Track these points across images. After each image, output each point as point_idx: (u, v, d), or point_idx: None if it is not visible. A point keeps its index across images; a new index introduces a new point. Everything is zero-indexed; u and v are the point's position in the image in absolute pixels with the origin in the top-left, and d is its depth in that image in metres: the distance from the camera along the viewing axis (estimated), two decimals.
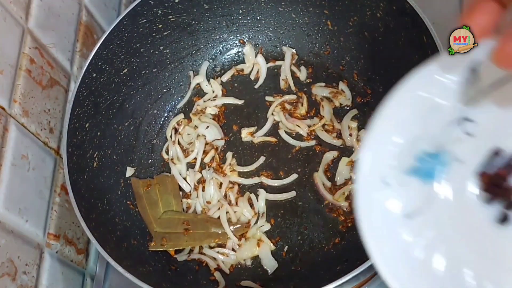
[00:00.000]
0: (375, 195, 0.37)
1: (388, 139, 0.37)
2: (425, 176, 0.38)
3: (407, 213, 0.37)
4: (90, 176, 0.63)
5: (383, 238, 0.35)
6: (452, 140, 0.38)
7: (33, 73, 0.60)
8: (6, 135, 0.55)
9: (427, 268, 0.36)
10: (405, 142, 0.37)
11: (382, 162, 0.37)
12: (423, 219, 0.37)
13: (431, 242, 0.37)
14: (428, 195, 0.38)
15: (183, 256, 0.66)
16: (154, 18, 0.68)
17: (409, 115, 0.37)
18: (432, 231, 0.37)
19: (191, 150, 0.72)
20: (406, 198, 0.37)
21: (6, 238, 0.52)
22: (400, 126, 0.37)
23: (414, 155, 0.37)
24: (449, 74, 0.36)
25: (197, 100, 0.75)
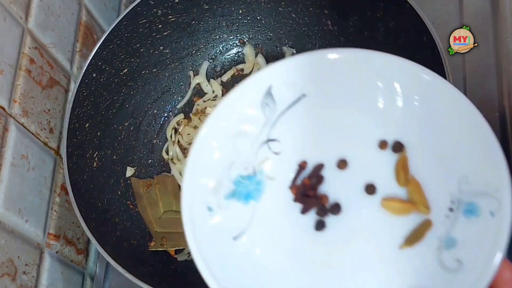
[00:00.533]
0: (202, 222, 0.38)
1: (204, 169, 0.39)
2: (245, 198, 0.40)
3: (234, 235, 0.39)
4: (90, 176, 0.63)
5: (215, 262, 0.36)
6: (262, 161, 0.41)
7: (33, 73, 0.60)
8: (6, 135, 0.55)
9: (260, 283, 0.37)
10: (222, 169, 0.40)
11: (204, 190, 0.39)
12: (249, 238, 0.39)
13: (260, 260, 0.39)
14: (251, 215, 0.40)
15: (184, 256, 0.66)
16: (154, 18, 0.68)
17: (220, 144, 0.40)
18: (258, 249, 0.39)
19: None
20: (231, 221, 0.39)
21: (6, 238, 0.52)
22: (213, 156, 0.40)
23: (232, 180, 0.40)
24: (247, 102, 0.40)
25: (197, 100, 0.75)
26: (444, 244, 0.36)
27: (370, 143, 0.40)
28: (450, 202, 0.36)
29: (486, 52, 0.70)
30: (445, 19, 0.71)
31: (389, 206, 0.39)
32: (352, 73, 0.39)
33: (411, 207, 0.38)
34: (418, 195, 0.38)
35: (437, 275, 0.35)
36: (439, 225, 0.37)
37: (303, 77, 0.40)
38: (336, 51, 0.39)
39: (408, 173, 0.39)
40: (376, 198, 0.39)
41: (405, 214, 0.38)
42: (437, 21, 0.61)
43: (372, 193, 0.40)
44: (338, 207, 0.40)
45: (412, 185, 0.38)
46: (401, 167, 0.39)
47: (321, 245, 0.39)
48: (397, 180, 0.39)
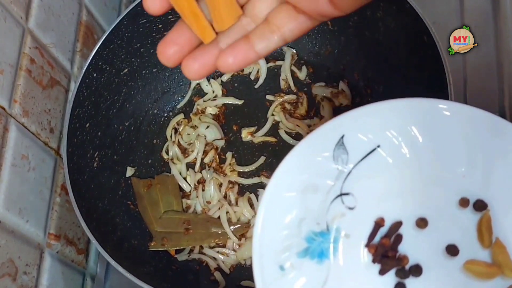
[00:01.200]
0: (274, 283, 0.36)
1: (275, 227, 0.38)
2: (319, 256, 0.38)
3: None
4: (90, 176, 0.63)
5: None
6: (336, 216, 0.39)
7: (33, 73, 0.60)
8: (6, 135, 0.55)
9: None
10: (293, 226, 0.38)
11: (275, 250, 0.37)
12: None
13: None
14: (326, 275, 0.38)
15: (184, 256, 0.66)
16: (154, 18, 0.68)
17: (289, 200, 0.38)
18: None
19: (191, 150, 0.72)
20: (304, 282, 0.37)
21: (6, 238, 0.52)
22: (284, 210, 0.38)
23: (303, 237, 0.38)
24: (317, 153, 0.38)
25: (197, 100, 0.75)
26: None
27: (451, 201, 0.38)
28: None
29: (486, 52, 0.70)
30: (445, 19, 0.71)
31: (473, 269, 0.37)
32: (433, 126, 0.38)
33: (496, 271, 0.36)
34: (504, 258, 0.36)
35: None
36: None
37: (379, 127, 0.38)
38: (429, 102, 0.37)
39: (492, 233, 0.37)
40: (458, 260, 0.37)
41: (489, 279, 0.37)
42: (437, 21, 0.61)
43: (454, 254, 0.38)
44: (419, 269, 0.38)
45: (497, 247, 0.37)
46: (484, 227, 0.37)
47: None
48: (480, 241, 0.37)
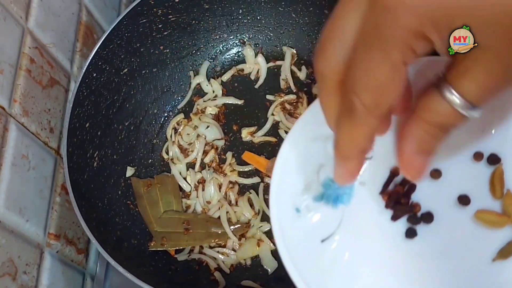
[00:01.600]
0: (290, 223, 0.38)
1: (294, 170, 0.39)
2: (334, 201, 0.40)
3: (322, 238, 0.39)
4: (90, 176, 0.63)
5: (303, 263, 0.36)
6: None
7: (33, 72, 0.60)
8: (6, 135, 0.55)
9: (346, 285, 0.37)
10: (312, 171, 0.40)
11: (292, 192, 0.39)
12: (338, 242, 0.39)
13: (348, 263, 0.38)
14: (340, 219, 0.39)
15: (183, 256, 0.66)
16: (154, 18, 0.68)
17: (309, 146, 0.40)
18: (347, 252, 0.39)
19: (191, 150, 0.72)
20: (319, 224, 0.39)
21: (6, 237, 0.52)
22: (305, 156, 0.40)
23: (321, 182, 0.40)
24: None
25: (197, 99, 0.75)
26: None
27: (465, 155, 0.39)
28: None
29: None
30: None
31: (484, 218, 0.38)
32: None
33: (506, 220, 0.37)
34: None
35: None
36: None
37: None
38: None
39: (504, 185, 0.38)
40: (469, 210, 0.38)
41: (499, 227, 0.37)
42: None
43: (466, 204, 0.39)
44: (431, 216, 0.39)
45: (508, 198, 0.37)
46: (497, 180, 0.38)
47: (411, 254, 0.39)
48: (491, 193, 0.38)
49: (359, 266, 0.38)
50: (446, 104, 0.28)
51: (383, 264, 0.38)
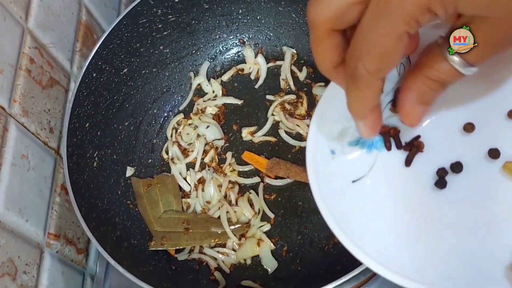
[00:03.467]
0: (323, 163, 0.40)
1: (332, 115, 0.42)
2: (368, 147, 0.42)
3: (353, 179, 0.41)
4: (90, 176, 0.63)
5: (333, 202, 0.39)
6: (390, 116, 0.42)
7: (33, 73, 0.60)
8: (6, 135, 0.55)
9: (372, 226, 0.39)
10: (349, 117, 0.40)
11: (329, 134, 0.41)
12: (369, 183, 0.41)
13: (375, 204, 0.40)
14: (372, 163, 0.42)
15: (184, 255, 0.66)
16: (154, 18, 0.68)
17: None
18: (376, 194, 0.41)
19: (191, 150, 0.72)
20: (352, 165, 0.41)
21: (6, 237, 0.52)
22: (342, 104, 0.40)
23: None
24: None
25: (197, 99, 0.75)
26: None
27: (499, 112, 0.40)
28: None
29: None
30: None
31: (511, 169, 0.38)
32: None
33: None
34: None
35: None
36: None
37: None
38: None
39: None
40: (499, 163, 0.39)
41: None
42: None
43: (496, 157, 0.40)
44: (460, 166, 0.40)
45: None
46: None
47: (440, 203, 0.40)
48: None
49: (386, 207, 0.40)
50: (446, 63, 0.31)
51: (411, 210, 0.40)
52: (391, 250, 0.38)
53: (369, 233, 0.38)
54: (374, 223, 0.39)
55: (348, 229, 0.37)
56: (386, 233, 0.39)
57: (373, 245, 0.37)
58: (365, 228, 0.38)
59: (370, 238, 0.38)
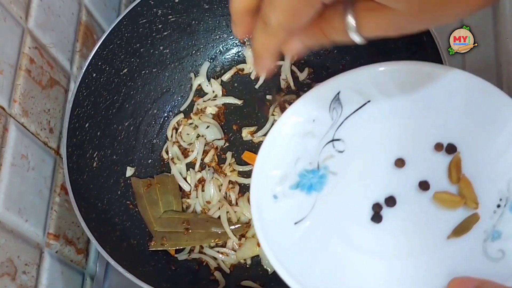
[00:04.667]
0: (267, 207, 0.43)
1: (273, 162, 0.45)
2: (308, 189, 0.45)
3: (295, 220, 0.44)
4: (90, 176, 0.63)
5: (278, 243, 0.41)
6: (327, 157, 0.46)
7: (33, 73, 0.60)
8: (6, 135, 0.55)
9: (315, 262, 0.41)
10: (289, 163, 0.45)
11: (271, 180, 0.44)
12: (310, 224, 0.44)
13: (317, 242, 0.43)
14: (313, 204, 0.45)
15: (184, 255, 0.66)
16: (154, 18, 0.68)
17: (289, 142, 0.45)
18: (317, 232, 0.43)
19: (191, 150, 0.72)
20: (293, 208, 0.44)
21: (6, 237, 0.52)
22: (284, 150, 0.45)
23: (297, 173, 0.45)
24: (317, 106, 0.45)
25: (197, 99, 0.75)
26: (490, 236, 0.38)
27: (427, 146, 0.44)
28: (499, 200, 0.40)
29: (486, 52, 0.70)
30: None
31: (440, 198, 0.42)
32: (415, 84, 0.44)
33: (460, 201, 0.41)
34: (468, 191, 0.41)
35: (480, 263, 0.38)
36: (487, 219, 0.40)
37: (369, 86, 0.45)
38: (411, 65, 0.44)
39: (460, 171, 0.42)
40: (429, 193, 0.42)
41: (454, 208, 0.41)
42: None
43: (426, 189, 0.43)
44: (393, 200, 0.43)
45: (463, 183, 0.42)
46: (454, 166, 0.42)
47: (374, 234, 0.43)
48: (449, 178, 0.42)
49: (327, 245, 0.43)
50: (342, 24, 0.33)
51: (349, 242, 0.43)
52: (333, 285, 0.40)
53: (311, 270, 0.40)
54: (316, 261, 0.41)
55: (292, 268, 0.39)
56: (328, 269, 0.41)
57: (315, 282, 0.39)
58: (308, 266, 0.41)
59: (313, 275, 0.40)
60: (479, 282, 0.35)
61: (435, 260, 0.40)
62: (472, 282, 0.35)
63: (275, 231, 0.42)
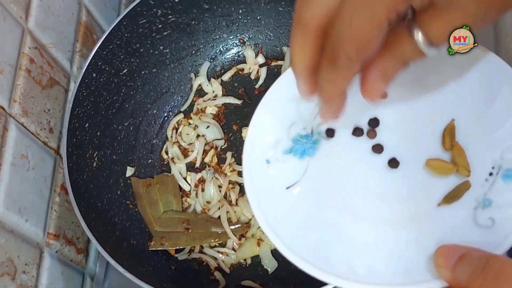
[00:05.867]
0: (259, 172, 0.43)
1: (267, 126, 0.45)
2: (301, 154, 0.45)
3: (287, 185, 0.44)
4: (89, 176, 0.63)
5: (269, 208, 0.41)
6: (321, 123, 0.46)
7: (33, 73, 0.60)
8: (6, 134, 0.55)
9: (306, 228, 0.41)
10: (283, 128, 0.45)
11: (264, 145, 0.44)
12: (301, 188, 0.44)
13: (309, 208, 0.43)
14: (305, 169, 0.45)
15: (184, 255, 0.66)
16: (154, 18, 0.68)
17: (283, 106, 0.45)
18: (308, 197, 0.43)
19: (191, 150, 0.72)
20: (286, 173, 0.44)
21: (6, 237, 0.52)
22: (279, 114, 0.45)
23: (291, 138, 0.45)
24: None
25: (197, 99, 0.75)
26: (480, 204, 0.38)
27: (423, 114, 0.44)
28: (491, 168, 0.39)
29: None
30: None
31: (433, 165, 0.42)
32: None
33: (452, 168, 0.41)
34: (461, 159, 0.41)
35: (470, 231, 0.37)
36: (478, 187, 0.39)
37: None
38: None
39: (453, 139, 0.42)
40: (423, 160, 0.42)
41: (446, 175, 0.41)
42: None
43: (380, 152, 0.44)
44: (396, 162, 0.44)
45: (456, 150, 0.42)
46: (448, 134, 0.42)
47: (366, 199, 0.43)
48: (443, 145, 0.42)
49: (318, 209, 0.43)
50: (412, 42, 0.32)
51: (340, 207, 0.43)
52: (323, 250, 0.40)
53: (302, 235, 0.40)
54: (307, 225, 0.41)
55: (283, 233, 0.39)
56: (319, 234, 0.41)
57: (305, 246, 0.39)
58: (299, 231, 0.40)
59: (303, 240, 0.40)
60: (466, 249, 0.34)
61: (425, 227, 0.40)
62: (459, 250, 0.34)
63: (266, 196, 0.42)
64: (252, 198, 0.41)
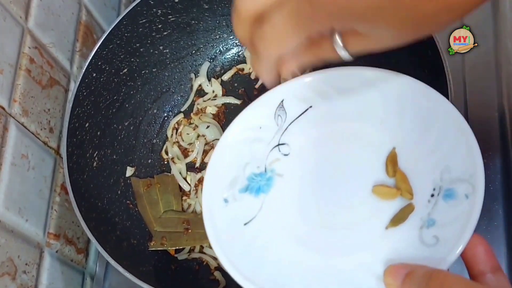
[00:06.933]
0: (218, 211, 0.45)
1: (223, 169, 0.47)
2: (256, 191, 0.47)
3: (245, 221, 0.46)
4: (90, 176, 0.63)
5: (229, 244, 0.43)
6: (273, 161, 0.49)
7: (33, 72, 0.60)
8: (6, 134, 0.55)
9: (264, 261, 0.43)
10: (239, 168, 0.48)
11: (222, 185, 0.47)
12: (258, 223, 0.46)
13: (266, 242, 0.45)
14: (261, 205, 0.47)
15: (184, 255, 0.66)
16: (154, 18, 0.68)
17: (238, 149, 0.48)
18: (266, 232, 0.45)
19: (191, 150, 0.72)
20: (243, 210, 0.46)
21: (6, 237, 0.52)
22: (234, 156, 0.48)
23: (246, 177, 0.48)
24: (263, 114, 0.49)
25: (197, 99, 0.75)
26: (425, 224, 0.41)
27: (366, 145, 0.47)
28: (432, 189, 0.42)
29: (486, 52, 0.70)
30: None
31: (379, 191, 0.45)
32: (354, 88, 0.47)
33: (396, 193, 0.44)
34: (403, 184, 0.44)
35: (417, 249, 0.40)
36: (422, 208, 0.42)
37: (311, 92, 0.48)
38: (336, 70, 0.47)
39: (396, 165, 0.45)
40: (370, 187, 0.45)
41: (391, 199, 0.44)
42: None
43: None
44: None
45: (399, 175, 0.44)
46: (390, 161, 0.45)
47: (319, 231, 0.45)
48: (386, 172, 0.45)
49: (275, 243, 0.45)
50: (331, 46, 0.37)
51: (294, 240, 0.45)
52: (281, 281, 0.42)
53: (261, 267, 0.42)
54: (265, 259, 0.43)
55: (243, 267, 0.41)
56: (276, 266, 0.43)
57: (265, 278, 0.41)
58: (258, 264, 0.43)
59: (263, 272, 0.42)
60: (412, 267, 0.36)
61: (375, 250, 0.41)
62: (406, 268, 0.37)
63: (226, 234, 0.44)
64: (212, 237, 0.43)
